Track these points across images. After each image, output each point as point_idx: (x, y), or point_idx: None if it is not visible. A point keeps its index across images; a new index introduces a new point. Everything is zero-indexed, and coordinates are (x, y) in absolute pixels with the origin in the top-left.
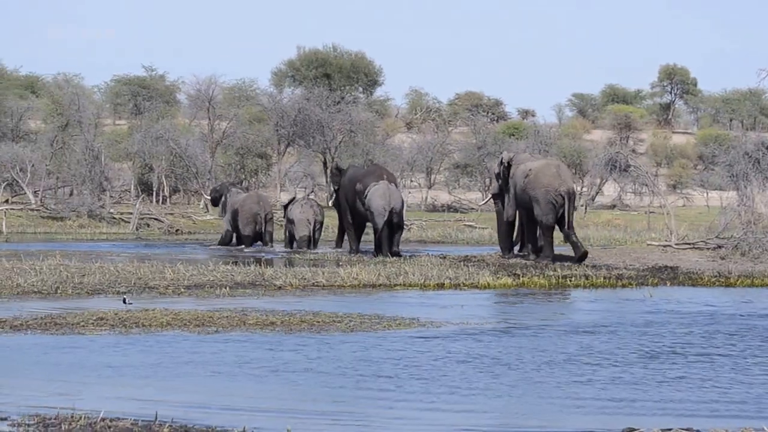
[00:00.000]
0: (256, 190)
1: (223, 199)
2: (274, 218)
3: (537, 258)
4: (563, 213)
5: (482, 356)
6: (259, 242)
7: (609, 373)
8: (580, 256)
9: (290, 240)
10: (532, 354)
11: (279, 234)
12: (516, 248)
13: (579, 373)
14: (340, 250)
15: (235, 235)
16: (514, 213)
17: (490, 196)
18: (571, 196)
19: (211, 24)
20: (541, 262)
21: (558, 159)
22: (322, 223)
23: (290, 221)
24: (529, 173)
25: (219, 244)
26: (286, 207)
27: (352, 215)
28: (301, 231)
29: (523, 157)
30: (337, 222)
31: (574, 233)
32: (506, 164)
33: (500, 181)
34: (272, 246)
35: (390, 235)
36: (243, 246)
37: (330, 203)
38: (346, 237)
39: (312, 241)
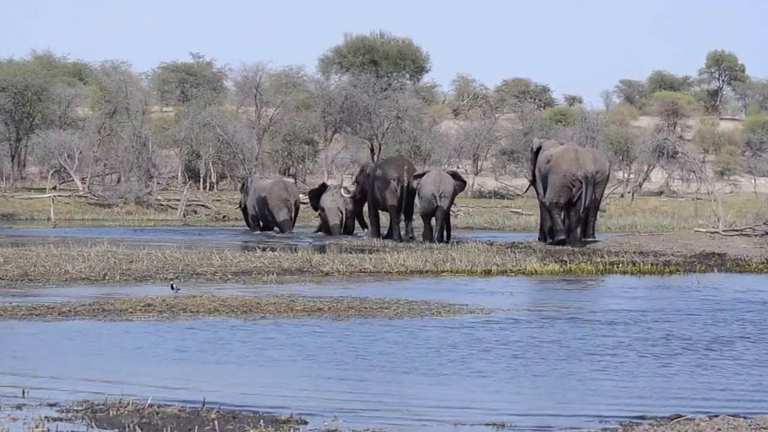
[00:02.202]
0: (281, 177)
1: (244, 185)
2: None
3: (581, 244)
4: (579, 197)
5: (531, 343)
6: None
7: (657, 360)
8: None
9: (324, 228)
10: (580, 341)
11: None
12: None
13: (627, 360)
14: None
15: (257, 220)
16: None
17: (529, 183)
18: (589, 180)
19: (259, 11)
20: (554, 243)
21: (576, 144)
22: (353, 212)
23: (322, 209)
24: (550, 159)
25: (252, 230)
26: (312, 194)
27: (370, 204)
28: (332, 219)
29: (549, 143)
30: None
31: (587, 223)
32: (535, 150)
33: (533, 166)
34: (292, 233)
35: (438, 219)
36: (277, 231)
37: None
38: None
39: (344, 229)
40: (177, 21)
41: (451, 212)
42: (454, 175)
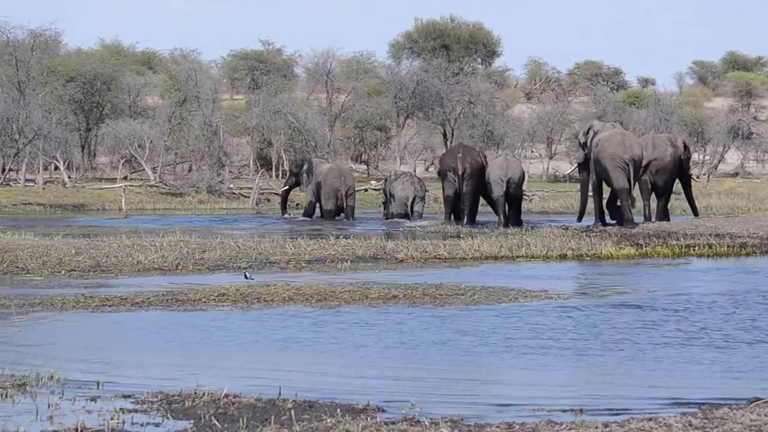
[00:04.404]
0: (338, 162)
1: (305, 166)
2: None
3: (623, 225)
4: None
5: (610, 327)
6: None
7: (739, 343)
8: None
9: (389, 214)
10: (659, 325)
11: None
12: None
13: (708, 343)
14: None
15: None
16: (596, 181)
17: (575, 165)
18: (636, 163)
19: None
20: (625, 226)
21: (624, 129)
22: (423, 198)
23: (391, 196)
24: (598, 143)
25: (303, 216)
26: (385, 182)
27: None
28: (399, 208)
29: (605, 126)
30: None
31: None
32: (591, 134)
33: (586, 150)
34: (353, 220)
35: (508, 205)
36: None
37: None
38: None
39: (413, 215)
40: (246, 8)
41: (524, 197)
42: None
